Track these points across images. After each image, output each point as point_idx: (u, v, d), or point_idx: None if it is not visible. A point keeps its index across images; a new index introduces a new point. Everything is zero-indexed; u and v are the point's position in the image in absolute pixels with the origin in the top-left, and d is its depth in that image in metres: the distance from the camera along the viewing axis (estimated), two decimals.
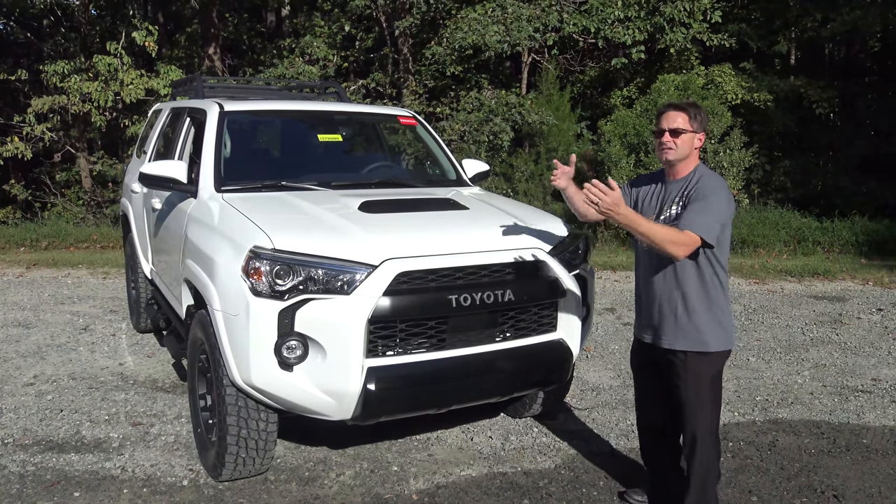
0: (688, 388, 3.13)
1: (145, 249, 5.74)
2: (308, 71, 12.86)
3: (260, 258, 3.27)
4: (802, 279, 9.07)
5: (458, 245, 3.58)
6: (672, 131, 3.12)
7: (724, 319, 3.14)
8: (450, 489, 3.73)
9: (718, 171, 10.95)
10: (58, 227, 11.89)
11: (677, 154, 3.14)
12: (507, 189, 11.94)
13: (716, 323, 3.10)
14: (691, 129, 3.12)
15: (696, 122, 3.13)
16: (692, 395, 3.13)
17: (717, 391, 3.21)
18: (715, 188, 3.06)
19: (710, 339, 3.09)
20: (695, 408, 3.14)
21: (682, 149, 3.13)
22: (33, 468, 3.87)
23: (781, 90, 13.79)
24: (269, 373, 3.27)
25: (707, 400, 3.15)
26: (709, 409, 3.16)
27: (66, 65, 12.33)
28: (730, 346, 3.18)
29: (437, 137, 5.38)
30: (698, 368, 3.11)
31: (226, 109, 4.68)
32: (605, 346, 6.21)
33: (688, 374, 3.12)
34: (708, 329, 3.09)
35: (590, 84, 15.74)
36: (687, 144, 3.13)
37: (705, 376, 3.13)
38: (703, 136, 3.17)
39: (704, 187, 3.06)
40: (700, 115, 3.16)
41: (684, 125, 3.11)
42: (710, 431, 3.19)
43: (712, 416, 3.18)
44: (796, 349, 6.19)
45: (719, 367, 3.19)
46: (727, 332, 3.15)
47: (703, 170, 3.19)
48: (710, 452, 3.20)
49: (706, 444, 3.17)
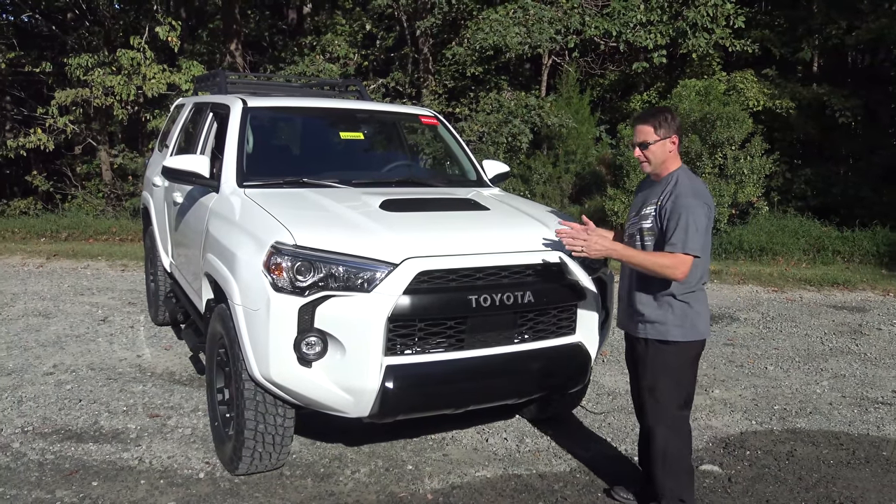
0: (646, 375, 3.34)
1: (165, 243, 5.78)
2: (328, 69, 12.90)
3: (281, 254, 3.28)
4: (822, 288, 8.98)
5: (479, 245, 3.57)
6: (640, 145, 3.29)
7: (691, 311, 3.25)
8: (464, 489, 3.73)
9: (738, 177, 10.88)
10: (78, 218, 12.03)
11: (653, 165, 3.32)
12: (525, 191, 11.92)
13: (680, 314, 3.24)
14: (659, 138, 3.26)
15: (662, 129, 3.26)
16: (650, 382, 3.32)
17: (684, 380, 3.32)
18: (688, 205, 3.14)
19: (672, 329, 3.25)
20: (654, 394, 3.31)
21: (656, 158, 3.29)
22: (52, 457, 3.92)
23: (804, 97, 13.66)
24: (288, 368, 3.28)
25: (667, 388, 3.28)
26: (669, 396, 3.29)
27: (89, 58, 12.44)
28: (695, 337, 3.28)
29: (458, 137, 5.38)
30: (661, 357, 3.28)
31: (249, 105, 4.70)
32: (621, 351, 6.14)
33: (649, 361, 3.32)
34: (670, 319, 3.24)
35: (610, 88, 15.68)
36: (659, 153, 3.28)
37: (670, 365, 3.28)
38: (675, 138, 3.28)
39: (678, 200, 3.16)
40: (666, 120, 3.26)
41: (649, 136, 3.27)
42: (667, 418, 3.30)
43: (672, 403, 3.30)
44: (815, 359, 6.13)
45: (686, 358, 3.31)
46: (693, 323, 3.25)
47: (682, 173, 3.30)
48: (669, 441, 3.30)
49: (662, 431, 3.30)
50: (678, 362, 3.30)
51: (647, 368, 3.35)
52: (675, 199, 3.18)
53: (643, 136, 3.28)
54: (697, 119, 10.97)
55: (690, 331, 3.26)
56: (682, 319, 3.25)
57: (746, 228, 11.21)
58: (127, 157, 13.64)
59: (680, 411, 3.35)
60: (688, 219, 3.11)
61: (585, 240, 3.30)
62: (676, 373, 3.31)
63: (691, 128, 11.08)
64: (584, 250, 3.30)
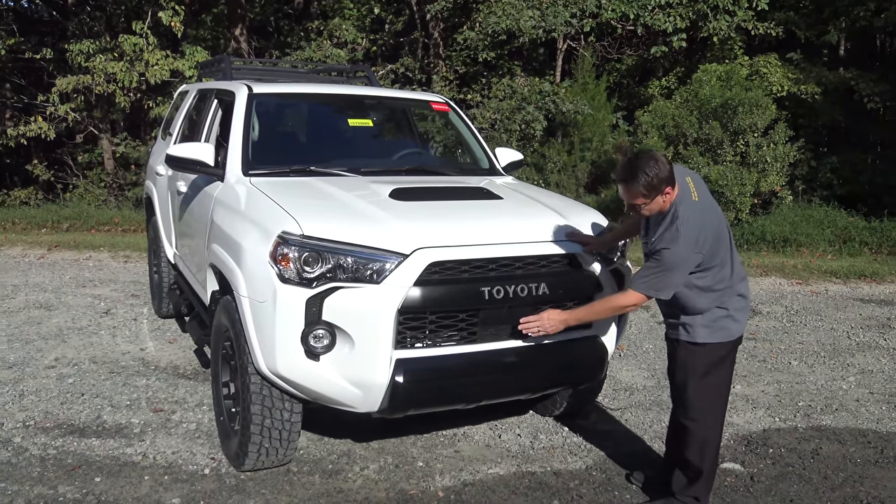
0: (676, 375, 3.43)
1: (169, 233, 5.80)
2: (336, 54, 12.88)
3: (288, 244, 3.28)
4: (848, 281, 8.91)
5: (492, 236, 3.56)
6: (633, 207, 3.21)
7: (720, 312, 3.30)
8: (476, 487, 3.73)
9: (761, 165, 10.79)
10: (79, 208, 12.08)
11: (653, 212, 3.23)
12: (539, 180, 11.88)
13: (709, 316, 3.30)
14: (650, 201, 3.14)
15: (653, 191, 3.11)
16: (680, 382, 3.42)
17: (714, 381, 3.38)
18: (670, 255, 3.11)
19: (699, 331, 3.31)
20: (681, 394, 3.42)
21: (652, 211, 3.21)
22: (54, 451, 3.94)
23: (830, 82, 13.53)
24: (295, 362, 3.28)
25: (698, 387, 3.35)
26: (699, 396, 3.36)
27: (91, 44, 12.46)
28: (725, 338, 3.33)
29: (470, 125, 5.37)
30: (689, 357, 3.36)
31: (255, 92, 4.70)
32: (638, 345, 6.16)
33: (678, 361, 3.41)
34: (698, 321, 3.31)
35: (627, 73, 15.59)
36: (655, 207, 3.19)
37: (697, 365, 3.34)
38: (668, 189, 3.13)
39: (664, 239, 3.14)
40: (655, 179, 3.07)
41: (638, 200, 3.16)
42: (699, 418, 3.38)
43: (698, 405, 3.38)
44: (841, 353, 6.09)
45: (715, 358, 3.35)
46: (723, 325, 3.31)
47: (680, 206, 3.16)
48: (699, 437, 3.39)
49: (695, 427, 3.39)
50: (706, 362, 3.35)
51: (677, 368, 3.43)
52: (659, 240, 3.17)
53: (632, 199, 3.16)
54: (718, 105, 10.88)
55: (719, 332, 3.33)
56: (710, 321, 3.31)
57: (769, 218, 11.13)
58: (129, 146, 13.69)
59: (713, 409, 3.41)
60: (661, 262, 3.14)
61: (538, 322, 3.42)
62: (706, 373, 3.35)
63: (712, 114, 10.99)
64: (541, 331, 3.44)
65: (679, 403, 3.47)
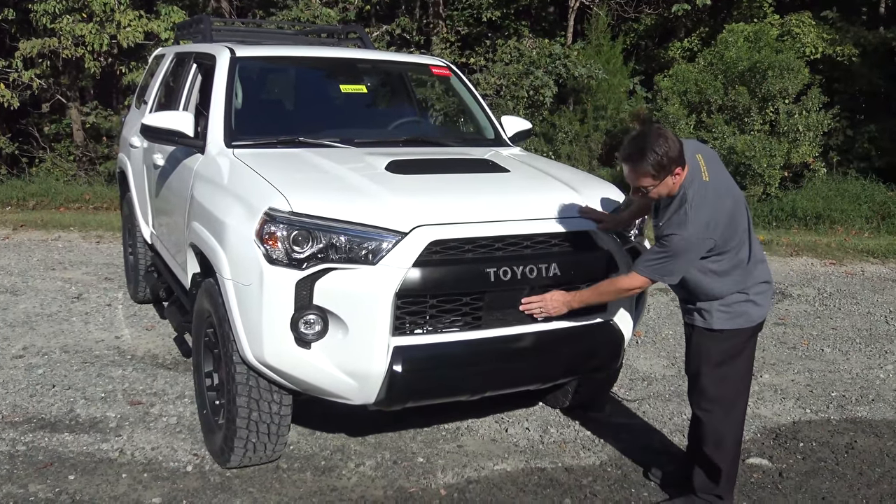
0: (692, 361, 3.49)
1: (145, 211, 5.81)
2: (326, 14, 12.82)
3: (276, 222, 3.28)
4: (887, 261, 8.92)
5: (498, 212, 3.56)
6: (638, 189, 3.20)
7: (739, 297, 3.33)
8: (481, 484, 3.76)
9: (792, 134, 10.76)
10: (47, 184, 12.07)
11: (661, 196, 3.23)
12: (549, 151, 11.87)
13: (728, 301, 3.33)
14: (659, 182, 3.13)
15: (663, 172, 3.10)
16: (693, 369, 3.48)
17: (732, 369, 3.42)
18: (678, 240, 3.14)
19: (716, 316, 3.35)
20: (695, 382, 3.48)
21: (661, 193, 3.21)
22: (24, 448, 3.97)
23: (869, 43, 13.45)
24: (285, 350, 3.29)
25: (714, 376, 3.40)
26: (715, 385, 3.41)
27: (57, 4, 12.40)
28: (743, 325, 3.36)
29: (473, 91, 5.36)
30: (704, 343, 3.41)
31: (238, 55, 4.68)
32: (657, 332, 6.19)
33: (692, 347, 3.48)
34: (715, 307, 3.35)
35: (645, 34, 15.49)
36: (664, 189, 3.18)
37: (712, 352, 3.39)
38: (678, 170, 3.12)
39: (672, 223, 3.17)
40: (665, 158, 3.06)
41: (647, 182, 3.15)
42: (714, 407, 3.43)
43: (711, 395, 3.42)
44: (879, 340, 6.11)
45: (731, 345, 3.39)
46: (743, 310, 3.34)
47: (689, 188, 3.17)
48: (714, 430, 3.43)
49: (708, 418, 3.44)
50: (722, 350, 3.39)
51: (692, 354, 3.48)
52: (667, 224, 3.19)
53: (638, 181, 3.15)
54: (746, 69, 10.83)
55: (739, 318, 3.35)
56: (728, 306, 3.34)
57: (801, 193, 11.12)
58: (100, 116, 13.65)
59: (730, 401, 3.44)
60: (666, 246, 3.18)
61: (541, 303, 3.46)
62: (720, 362, 3.39)
63: (739, 79, 10.94)
64: (544, 313, 3.48)
65: (693, 392, 3.52)
